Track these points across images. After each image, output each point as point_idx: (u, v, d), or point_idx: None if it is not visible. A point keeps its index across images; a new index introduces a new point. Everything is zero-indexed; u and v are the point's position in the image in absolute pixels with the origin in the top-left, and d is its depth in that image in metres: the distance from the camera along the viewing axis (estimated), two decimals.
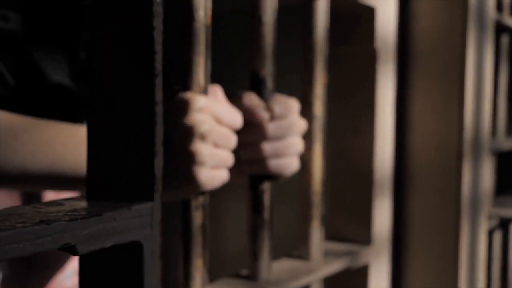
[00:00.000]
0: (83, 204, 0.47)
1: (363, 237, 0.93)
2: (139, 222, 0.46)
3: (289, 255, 0.86)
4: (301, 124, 0.76)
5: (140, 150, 0.47)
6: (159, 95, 0.47)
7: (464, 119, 0.96)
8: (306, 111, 0.82)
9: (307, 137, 0.82)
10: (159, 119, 0.47)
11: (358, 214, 0.93)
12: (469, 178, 0.98)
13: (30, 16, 0.83)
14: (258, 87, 0.75)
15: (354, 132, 0.92)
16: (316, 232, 0.85)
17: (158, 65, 0.47)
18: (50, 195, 0.85)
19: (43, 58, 0.83)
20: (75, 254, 0.42)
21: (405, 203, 0.99)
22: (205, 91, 0.67)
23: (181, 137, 0.64)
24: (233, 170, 0.75)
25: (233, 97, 0.73)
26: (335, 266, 0.85)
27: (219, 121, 0.67)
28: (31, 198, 0.84)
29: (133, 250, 0.47)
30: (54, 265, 0.87)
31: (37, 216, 0.42)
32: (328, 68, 0.83)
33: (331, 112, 0.91)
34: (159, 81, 0.47)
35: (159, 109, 0.47)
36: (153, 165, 0.47)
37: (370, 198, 0.92)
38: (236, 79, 0.89)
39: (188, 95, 0.65)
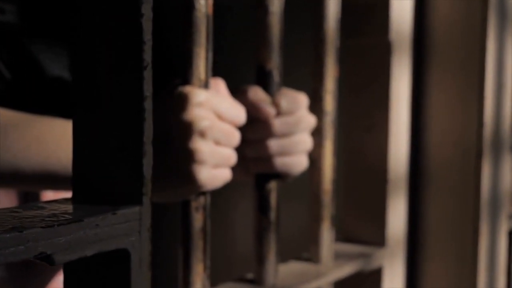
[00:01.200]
0: (66, 207, 0.43)
1: (377, 238, 0.89)
2: (125, 228, 0.42)
3: (298, 257, 0.83)
4: (310, 120, 0.73)
5: (127, 149, 0.44)
6: (148, 89, 0.43)
7: (483, 115, 0.92)
8: (316, 106, 0.79)
9: (317, 133, 0.79)
10: (148, 115, 0.43)
11: (372, 214, 0.89)
12: (488, 176, 0.94)
13: (28, 8, 0.80)
14: (264, 81, 0.72)
15: (367, 129, 0.89)
16: (327, 234, 0.81)
17: (147, 56, 0.43)
18: (49, 195, 0.82)
19: (41, 51, 0.80)
20: (51, 264, 0.38)
21: (421, 202, 0.95)
22: (206, 85, 0.63)
23: (180, 134, 0.61)
24: (237, 169, 0.71)
25: (237, 91, 0.70)
26: (346, 269, 0.82)
27: (220, 116, 0.63)
28: (29, 197, 0.81)
29: (120, 259, 0.43)
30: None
31: (10, 221, 0.38)
32: (339, 61, 0.80)
33: (343, 107, 0.88)
34: (148, 74, 0.43)
35: (148, 104, 0.43)
36: (141, 166, 0.43)
37: (384, 197, 0.88)
38: (245, 73, 0.85)
39: (187, 89, 0.61)
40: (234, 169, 0.70)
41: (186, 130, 0.60)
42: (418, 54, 0.94)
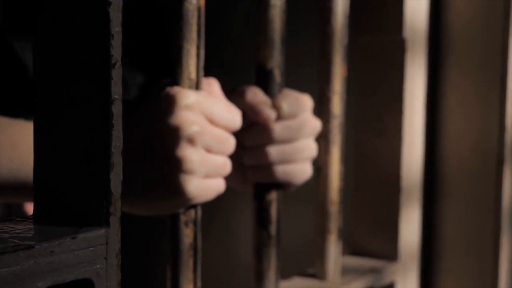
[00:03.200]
0: (20, 230, 0.37)
1: (388, 251, 0.84)
2: (88, 255, 0.36)
3: (301, 273, 0.77)
4: (315, 124, 0.67)
5: (92, 161, 0.37)
6: (117, 91, 0.37)
7: (505, 118, 0.87)
8: (322, 109, 0.74)
9: (323, 139, 0.74)
10: (117, 121, 0.37)
11: (383, 226, 0.85)
12: (510, 185, 0.89)
13: (11, 4, 0.75)
14: (264, 81, 0.67)
15: (378, 133, 0.84)
16: (333, 247, 0.75)
17: (116, 52, 0.37)
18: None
19: (25, 50, 0.75)
20: None
21: (437, 213, 0.91)
22: (197, 86, 0.57)
23: (166, 140, 0.55)
24: (235, 178, 0.66)
25: (234, 93, 0.64)
26: (355, 286, 0.77)
27: (212, 120, 0.57)
28: (12, 208, 0.75)
29: None
30: None
31: None
32: (348, 60, 0.75)
33: (352, 110, 0.84)
34: (117, 73, 0.37)
35: (116, 108, 0.37)
36: (108, 181, 0.37)
37: (396, 207, 0.84)
38: (247, 74, 0.80)
39: (175, 90, 0.55)
40: (231, 178, 0.64)
41: (173, 136, 0.54)
42: (434, 53, 0.90)
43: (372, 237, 0.85)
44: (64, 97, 0.38)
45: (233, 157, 0.62)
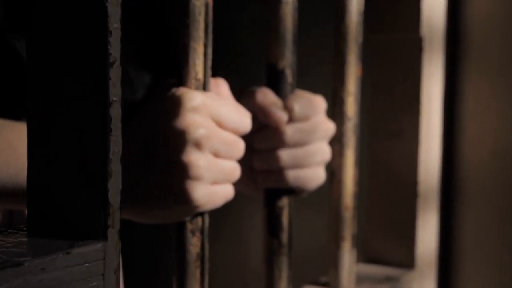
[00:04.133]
0: (11, 243, 0.34)
1: (405, 259, 0.83)
2: (83, 272, 0.33)
3: (315, 281, 0.76)
4: (328, 127, 0.65)
5: (89, 168, 0.34)
6: (115, 92, 0.34)
7: None
8: (336, 111, 0.72)
9: (337, 142, 0.71)
10: (116, 125, 0.34)
11: (399, 233, 0.83)
12: None
13: (11, 1, 0.72)
14: (275, 81, 0.65)
15: (394, 135, 0.82)
16: (348, 255, 0.73)
17: (115, 51, 0.34)
18: None
19: (25, 49, 0.72)
20: None
21: (455, 219, 0.90)
22: (204, 86, 0.54)
23: (172, 144, 0.52)
24: (244, 183, 0.63)
25: (244, 94, 0.61)
26: None
27: (220, 123, 0.54)
28: (13, 215, 0.73)
29: None
30: None
31: None
32: (363, 59, 0.73)
33: (367, 111, 0.82)
34: (115, 73, 0.34)
35: (115, 111, 0.34)
36: (105, 190, 0.34)
37: (413, 213, 0.82)
38: (258, 74, 0.78)
39: (181, 91, 0.52)
40: (241, 183, 0.61)
41: (178, 140, 0.51)
42: (451, 52, 0.89)
43: (388, 244, 0.84)
44: (59, 99, 0.35)
45: (243, 161, 0.59)
